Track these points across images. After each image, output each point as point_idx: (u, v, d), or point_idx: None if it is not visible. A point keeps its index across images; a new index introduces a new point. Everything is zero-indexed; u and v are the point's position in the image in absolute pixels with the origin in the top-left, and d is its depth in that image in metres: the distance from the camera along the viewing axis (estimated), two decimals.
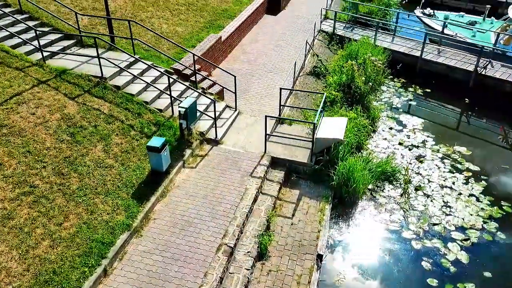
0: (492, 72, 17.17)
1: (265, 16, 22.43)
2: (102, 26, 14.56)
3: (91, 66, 12.39)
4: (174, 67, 13.69)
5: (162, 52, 13.86)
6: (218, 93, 13.70)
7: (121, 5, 15.99)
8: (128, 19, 13.87)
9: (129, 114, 11.45)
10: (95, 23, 14.63)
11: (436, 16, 21.79)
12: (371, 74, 15.45)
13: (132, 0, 16.64)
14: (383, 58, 17.42)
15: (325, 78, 16.22)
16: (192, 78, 13.55)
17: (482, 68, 17.08)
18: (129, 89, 12.19)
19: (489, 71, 17.20)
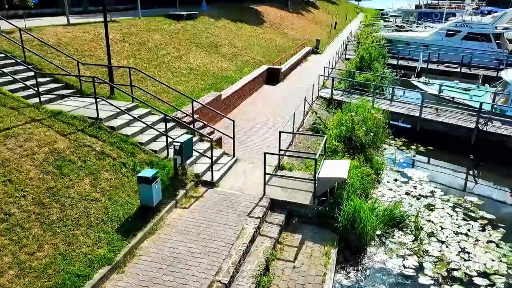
0: (494, 128, 17.04)
1: (264, 86, 23.11)
2: (105, 84, 14.79)
3: (88, 109, 12.26)
4: (173, 115, 13.56)
5: (161, 99, 13.87)
6: (216, 141, 13.37)
7: (123, 64, 16.47)
8: (129, 66, 14.13)
9: (122, 153, 10.99)
10: (96, 75, 14.89)
11: (432, 84, 22.41)
12: (371, 126, 15.27)
13: (135, 62, 17.19)
14: (383, 116, 17.42)
15: (325, 133, 16.01)
16: (190, 126, 13.32)
17: (483, 124, 16.98)
18: (125, 130, 11.90)
19: (490, 127, 17.07)
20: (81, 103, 12.77)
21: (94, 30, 18.35)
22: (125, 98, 14.00)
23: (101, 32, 17.67)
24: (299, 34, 39.71)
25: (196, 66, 20.03)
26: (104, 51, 16.16)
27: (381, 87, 23.46)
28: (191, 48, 21.63)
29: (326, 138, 12.37)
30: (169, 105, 14.01)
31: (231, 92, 18.07)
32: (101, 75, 14.95)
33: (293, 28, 40.77)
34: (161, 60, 18.73)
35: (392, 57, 34.33)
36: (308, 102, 18.25)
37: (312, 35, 41.18)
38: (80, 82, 13.73)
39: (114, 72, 14.84)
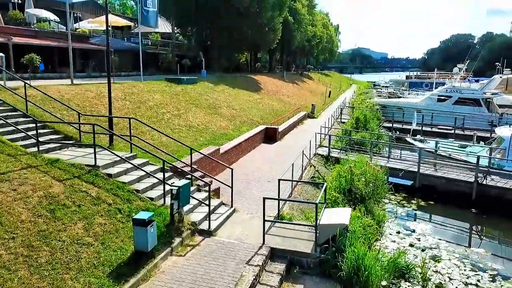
0: (494, 182, 16.96)
1: (262, 144, 23.35)
2: (103, 134, 14.92)
3: (86, 158, 12.22)
4: (171, 165, 13.49)
5: (159, 149, 13.90)
6: (214, 191, 13.16)
7: (124, 121, 16.73)
8: (129, 117, 14.33)
9: (118, 199, 10.74)
10: (96, 129, 15.03)
11: (428, 142, 22.71)
12: (370, 179, 15.17)
13: (133, 120, 17.49)
14: (382, 171, 17.39)
15: (325, 181, 15.86)
16: (188, 176, 13.19)
17: (482, 178, 16.92)
18: (122, 178, 11.74)
19: (490, 181, 16.99)
20: (79, 153, 12.75)
21: (97, 89, 18.91)
22: (124, 149, 14.04)
23: (103, 91, 18.20)
24: (295, 100, 41.02)
25: (196, 124, 20.38)
26: (105, 107, 16.51)
27: (378, 145, 23.67)
28: (190, 108, 22.17)
29: (326, 186, 12.20)
30: (167, 155, 13.99)
31: (230, 147, 18.19)
32: (101, 129, 15.10)
33: (289, 95, 42.21)
34: (161, 118, 19.09)
35: (386, 120, 35.27)
36: (307, 156, 18.29)
37: (307, 102, 42.50)
38: (79, 133, 13.83)
39: (114, 126, 15.02)
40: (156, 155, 13.01)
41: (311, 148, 20.61)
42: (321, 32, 76.66)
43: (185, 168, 13.51)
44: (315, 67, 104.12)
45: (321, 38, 76.13)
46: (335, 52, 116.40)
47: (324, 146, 22.79)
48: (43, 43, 26.25)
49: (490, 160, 18.34)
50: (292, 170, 15.25)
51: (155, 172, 12.74)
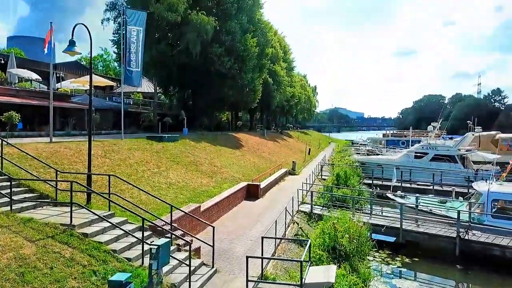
0: (476, 237, 16.98)
1: (244, 201, 23.08)
2: (81, 192, 14.50)
3: (61, 217, 11.73)
4: (151, 223, 13.06)
5: (139, 206, 13.52)
6: (195, 250, 12.69)
7: (103, 178, 16.39)
8: (109, 174, 14.02)
9: (93, 260, 10.19)
10: (73, 187, 14.61)
11: (408, 197, 22.91)
12: (354, 235, 14.98)
13: (113, 177, 17.17)
14: (365, 228, 17.25)
15: (309, 239, 15.55)
16: (168, 235, 12.75)
17: (464, 232, 16.95)
18: (98, 238, 11.23)
19: (472, 236, 17.02)
20: (54, 212, 12.26)
21: (76, 146, 18.68)
22: (102, 207, 13.59)
23: (83, 148, 18.00)
24: (276, 157, 41.37)
25: (176, 182, 20.11)
26: (84, 165, 16.22)
27: (359, 201, 23.67)
28: (171, 166, 22.00)
29: (310, 243, 11.95)
30: (147, 213, 13.59)
31: (211, 205, 17.87)
32: (79, 186, 14.70)
33: (270, 153, 42.62)
34: (141, 175, 18.80)
35: (366, 177, 35.74)
36: (290, 213, 18.08)
37: (288, 159, 42.89)
38: (56, 191, 13.40)
39: (92, 184, 14.65)
40: (135, 213, 12.62)
41: (294, 205, 20.47)
42: (299, 93, 79.49)
43: (165, 226, 13.10)
44: (294, 126, 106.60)
45: (299, 98, 78.78)
46: (313, 111, 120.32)
47: (307, 203, 22.68)
48: (23, 101, 26.22)
49: (470, 215, 18.51)
50: (275, 227, 14.97)
51: (133, 231, 12.28)
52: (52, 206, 12.91)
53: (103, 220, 11.89)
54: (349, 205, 21.48)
